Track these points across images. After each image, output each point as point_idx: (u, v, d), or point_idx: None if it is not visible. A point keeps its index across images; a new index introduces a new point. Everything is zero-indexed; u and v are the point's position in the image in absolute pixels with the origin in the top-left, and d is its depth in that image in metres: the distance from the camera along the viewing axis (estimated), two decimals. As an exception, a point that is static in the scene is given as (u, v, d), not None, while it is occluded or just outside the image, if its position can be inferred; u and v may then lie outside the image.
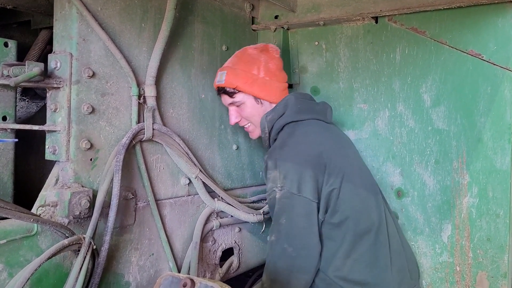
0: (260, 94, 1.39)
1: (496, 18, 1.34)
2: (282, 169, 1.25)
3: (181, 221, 1.39)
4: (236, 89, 1.37)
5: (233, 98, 1.39)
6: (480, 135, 1.38)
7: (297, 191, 1.24)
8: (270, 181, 1.29)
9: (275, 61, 1.42)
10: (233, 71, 1.38)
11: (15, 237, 0.96)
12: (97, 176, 1.14)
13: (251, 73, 1.38)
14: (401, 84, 1.52)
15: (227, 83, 1.37)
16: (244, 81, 1.37)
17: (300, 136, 1.32)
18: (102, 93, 1.15)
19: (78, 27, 1.09)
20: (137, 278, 1.25)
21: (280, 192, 1.25)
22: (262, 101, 1.40)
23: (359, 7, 1.52)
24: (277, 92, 1.41)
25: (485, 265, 1.39)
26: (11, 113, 1.12)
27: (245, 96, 1.39)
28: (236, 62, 1.40)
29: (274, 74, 1.41)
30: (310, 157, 1.27)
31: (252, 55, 1.41)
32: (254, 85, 1.37)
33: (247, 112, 1.41)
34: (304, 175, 1.24)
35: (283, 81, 1.44)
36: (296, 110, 1.38)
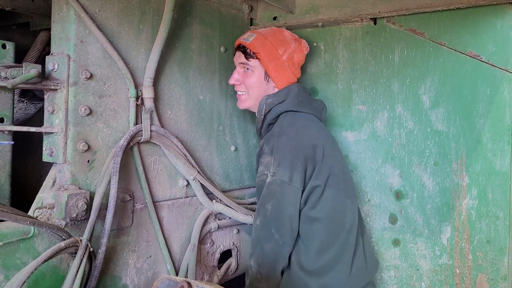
0: (272, 73, 1.40)
1: (495, 20, 1.33)
2: (277, 157, 1.27)
3: (179, 223, 1.39)
4: (256, 55, 1.39)
5: (248, 60, 1.41)
6: (480, 137, 1.37)
7: (288, 180, 1.25)
8: (263, 165, 1.30)
9: (301, 55, 1.46)
10: (263, 39, 1.40)
11: (12, 239, 0.96)
12: (94, 178, 1.14)
13: (277, 50, 1.40)
14: (400, 85, 1.51)
15: (251, 45, 1.39)
16: (267, 52, 1.38)
17: (300, 128, 1.33)
18: (99, 95, 1.15)
19: (75, 29, 1.09)
20: (135, 280, 1.25)
21: (272, 178, 1.26)
22: (269, 79, 1.42)
23: (357, 8, 1.51)
24: (286, 81, 1.43)
25: (485, 268, 1.38)
26: (8, 115, 1.12)
27: (259, 66, 1.40)
28: (269, 34, 1.42)
29: (294, 64, 1.44)
30: (306, 150, 1.28)
31: (286, 37, 1.44)
32: (273, 62, 1.39)
33: (251, 82, 1.42)
34: (297, 165, 1.26)
35: (296, 75, 1.48)
36: (297, 101, 1.40)
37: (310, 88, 1.71)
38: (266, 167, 1.29)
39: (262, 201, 1.29)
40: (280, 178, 1.25)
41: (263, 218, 1.28)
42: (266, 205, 1.27)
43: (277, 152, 1.28)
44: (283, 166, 1.26)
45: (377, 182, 1.58)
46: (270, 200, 1.27)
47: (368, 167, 1.59)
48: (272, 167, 1.27)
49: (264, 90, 1.43)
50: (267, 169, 1.28)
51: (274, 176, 1.26)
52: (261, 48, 1.39)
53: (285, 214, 1.26)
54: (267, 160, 1.29)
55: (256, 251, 1.28)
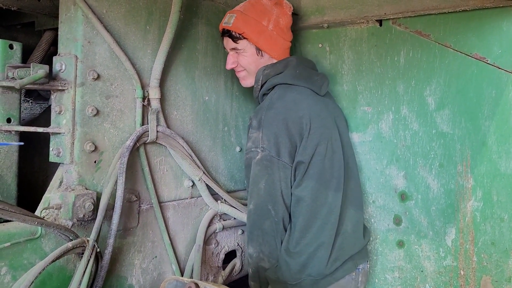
0: (263, 46, 1.38)
1: (501, 22, 1.33)
2: (265, 131, 1.24)
3: (184, 223, 1.39)
4: (242, 35, 1.36)
5: (237, 43, 1.37)
6: (485, 139, 1.37)
7: (276, 154, 1.23)
8: (251, 141, 1.27)
9: (286, 18, 1.42)
10: (244, 16, 1.36)
11: (19, 240, 0.96)
12: (101, 178, 1.14)
13: (260, 23, 1.36)
14: (405, 87, 1.51)
15: (234, 27, 1.35)
16: (252, 29, 1.35)
17: (289, 102, 1.30)
18: (106, 95, 1.15)
19: (83, 30, 1.09)
20: (140, 281, 1.25)
21: (261, 154, 1.24)
22: (263, 53, 1.39)
23: (363, 10, 1.51)
24: (280, 49, 1.40)
25: (489, 269, 1.38)
26: (15, 115, 1.12)
27: (249, 44, 1.37)
28: (248, 9, 1.38)
29: (282, 30, 1.40)
30: (294, 125, 1.25)
31: (265, 5, 1.39)
32: (261, 36, 1.36)
33: (246, 61, 1.40)
34: (284, 139, 1.24)
35: (288, 39, 1.44)
36: (294, 74, 1.36)
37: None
38: (254, 143, 1.26)
39: (254, 181, 1.25)
40: (269, 153, 1.23)
41: (257, 198, 1.24)
42: (259, 185, 1.24)
43: (264, 126, 1.25)
44: (271, 140, 1.23)
45: (381, 184, 1.58)
46: (263, 177, 1.23)
47: (373, 168, 1.59)
48: (261, 142, 1.24)
49: (261, 64, 1.41)
50: (255, 144, 1.25)
51: (264, 152, 1.23)
52: (244, 26, 1.35)
53: (278, 190, 1.23)
54: (255, 136, 1.26)
55: (254, 234, 1.25)
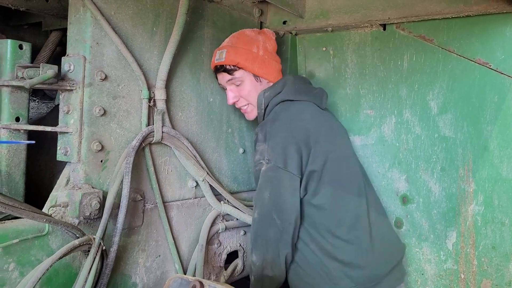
0: (260, 72, 1.41)
1: (504, 28, 1.34)
2: (271, 143, 1.27)
3: (187, 223, 1.40)
4: (237, 66, 1.38)
5: (233, 75, 1.40)
6: (487, 143, 1.38)
7: (283, 165, 1.24)
8: (258, 153, 1.30)
9: (272, 42, 1.47)
10: (234, 49, 1.39)
11: (27, 236, 0.98)
12: (107, 177, 1.15)
13: (251, 51, 1.40)
14: (408, 91, 1.53)
15: (227, 60, 1.38)
16: (245, 57, 1.38)
17: (293, 113, 1.34)
18: (113, 96, 1.17)
19: (92, 31, 1.11)
20: (144, 279, 1.26)
21: (267, 166, 1.26)
22: (261, 79, 1.42)
23: (367, 14, 1.53)
24: (275, 71, 1.44)
25: (489, 273, 1.39)
26: (24, 114, 1.14)
27: (245, 74, 1.40)
28: (235, 41, 1.42)
29: (271, 54, 1.45)
30: (299, 134, 1.28)
31: (250, 35, 1.44)
32: (255, 62, 1.39)
33: (246, 91, 1.42)
34: (290, 150, 1.25)
35: (279, 61, 1.48)
36: (294, 90, 1.40)
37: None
38: (261, 155, 1.29)
39: (259, 190, 1.28)
40: (275, 164, 1.25)
41: (261, 208, 1.26)
42: (263, 194, 1.26)
43: (270, 138, 1.28)
44: (277, 151, 1.25)
45: (383, 187, 1.59)
46: (267, 188, 1.26)
47: (375, 171, 1.61)
48: (267, 154, 1.27)
49: (260, 90, 1.43)
50: (262, 156, 1.28)
51: (269, 163, 1.26)
52: (237, 57, 1.38)
53: (284, 200, 1.25)
54: (262, 148, 1.29)
55: (258, 242, 1.26)
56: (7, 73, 1.11)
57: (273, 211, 1.25)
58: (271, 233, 1.24)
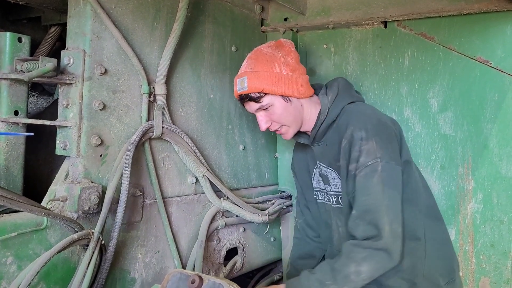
0: (288, 92, 1.30)
1: (505, 26, 1.34)
2: (378, 138, 1.19)
3: (187, 219, 1.40)
4: (263, 92, 1.28)
5: (261, 102, 1.30)
6: (486, 142, 1.38)
7: (392, 160, 1.19)
8: (364, 155, 1.18)
9: (292, 55, 1.35)
10: (254, 74, 1.28)
11: (25, 230, 0.97)
12: (106, 172, 1.15)
13: (273, 72, 1.29)
14: (409, 89, 1.53)
15: (251, 89, 1.27)
16: (268, 81, 1.27)
17: (373, 110, 1.33)
18: (113, 90, 1.16)
19: (91, 24, 1.10)
20: (143, 274, 1.26)
21: (381, 164, 1.17)
22: (290, 98, 1.32)
23: (368, 11, 1.53)
24: (303, 86, 1.34)
25: (488, 271, 1.39)
26: (23, 107, 1.13)
27: (273, 98, 1.30)
28: (254, 65, 1.30)
29: (295, 68, 1.33)
30: (392, 127, 1.29)
31: (268, 53, 1.32)
32: (280, 83, 1.29)
33: (278, 114, 1.31)
34: (394, 143, 1.24)
35: (304, 73, 1.38)
36: (351, 90, 1.40)
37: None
38: (371, 154, 1.18)
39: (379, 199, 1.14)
40: (387, 161, 1.18)
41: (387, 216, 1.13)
42: (384, 201, 1.15)
43: (375, 134, 1.20)
44: (385, 147, 1.19)
45: (383, 184, 1.59)
46: (385, 192, 1.15)
47: (374, 169, 1.61)
48: (377, 151, 1.18)
49: (293, 111, 1.33)
50: (373, 156, 1.17)
51: (382, 161, 1.17)
52: (260, 83, 1.27)
53: (398, 199, 1.17)
54: (370, 146, 1.18)
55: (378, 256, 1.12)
56: (6, 66, 1.10)
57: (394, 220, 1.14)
58: (396, 245, 1.13)
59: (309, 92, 1.36)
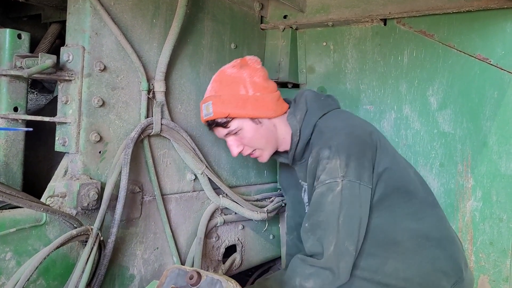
0: (256, 113, 1.22)
1: (504, 23, 1.34)
2: (343, 156, 1.12)
3: (186, 216, 1.40)
4: (229, 117, 1.21)
5: (228, 127, 1.23)
6: (486, 139, 1.38)
7: (358, 179, 1.12)
8: (325, 173, 1.13)
9: (259, 73, 1.25)
10: (219, 98, 1.21)
11: (24, 226, 0.97)
12: (105, 168, 1.15)
13: (239, 94, 1.21)
14: (408, 86, 1.53)
15: (216, 114, 1.21)
16: (234, 105, 1.20)
17: (347, 121, 1.23)
18: (112, 87, 1.17)
19: (91, 21, 1.10)
20: (142, 271, 1.26)
21: (342, 183, 1.11)
22: (260, 120, 1.24)
23: (368, 9, 1.52)
24: (273, 105, 1.25)
25: (487, 269, 1.39)
26: (22, 104, 1.13)
27: (241, 121, 1.22)
28: (219, 88, 1.23)
29: (263, 86, 1.24)
30: (366, 138, 1.18)
31: (232, 74, 1.24)
32: (247, 106, 1.21)
33: (248, 138, 1.25)
34: (363, 160, 1.14)
35: (274, 90, 1.28)
36: (321, 102, 1.29)
37: (318, 87, 1.73)
38: (332, 173, 1.12)
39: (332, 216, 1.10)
40: (350, 180, 1.11)
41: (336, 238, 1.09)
42: (339, 220, 1.10)
43: (341, 151, 1.12)
44: (351, 165, 1.12)
45: (382, 182, 1.59)
46: (341, 210, 1.10)
47: (373, 166, 1.61)
48: (340, 170, 1.11)
49: (265, 133, 1.25)
50: (333, 175, 1.11)
51: (344, 180, 1.11)
52: (226, 108, 1.20)
53: (358, 219, 1.12)
54: (332, 165, 1.12)
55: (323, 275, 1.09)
56: (6, 63, 1.10)
57: (346, 239, 1.10)
58: (342, 265, 1.09)
59: (281, 110, 1.27)
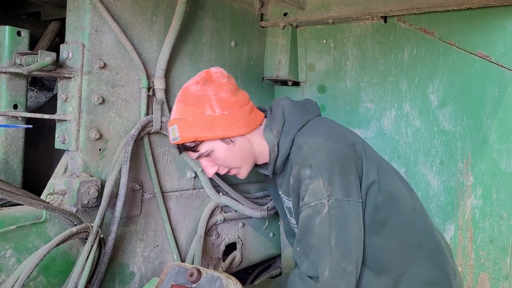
0: (226, 133, 1.13)
1: (505, 21, 1.34)
2: (326, 175, 1.05)
3: (186, 214, 1.40)
4: (197, 141, 1.13)
5: (198, 151, 1.15)
6: (486, 137, 1.38)
7: (346, 195, 1.05)
8: (308, 194, 1.06)
9: (225, 87, 1.14)
10: (184, 122, 1.11)
11: (24, 223, 0.97)
12: (105, 166, 1.15)
13: (204, 115, 1.10)
14: (408, 84, 1.52)
15: (183, 139, 1.12)
16: (201, 128, 1.11)
17: (327, 133, 1.13)
18: (112, 84, 1.16)
19: (90, 18, 1.10)
20: (142, 269, 1.26)
21: (328, 204, 1.04)
22: (232, 139, 1.15)
23: (368, 6, 1.52)
24: (244, 121, 1.15)
25: (487, 267, 1.39)
26: (22, 101, 1.13)
27: (211, 143, 1.14)
28: (183, 109, 1.13)
29: (231, 103, 1.13)
30: (349, 151, 1.10)
31: (197, 93, 1.12)
32: (215, 127, 1.11)
33: (222, 159, 1.16)
34: (349, 174, 1.07)
35: (245, 103, 1.17)
36: (298, 111, 1.19)
37: (318, 85, 1.72)
38: (316, 194, 1.05)
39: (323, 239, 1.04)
40: (337, 198, 1.04)
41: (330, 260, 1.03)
42: (330, 242, 1.03)
43: (323, 170, 1.05)
44: (336, 182, 1.05)
45: (382, 180, 1.59)
46: (332, 232, 1.03)
47: (373, 164, 1.61)
48: (324, 190, 1.04)
49: (239, 151, 1.17)
50: (318, 196, 1.05)
51: (330, 200, 1.04)
52: (192, 132, 1.11)
53: (351, 236, 1.05)
54: (315, 185, 1.05)
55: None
56: (5, 60, 1.10)
57: (343, 260, 1.03)
58: (342, 286, 1.03)
59: (255, 123, 1.18)
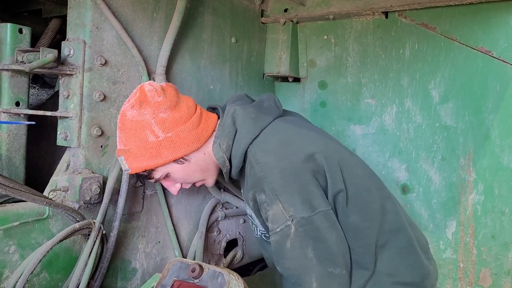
0: (176, 155, 1.05)
1: (507, 16, 1.33)
2: (283, 197, 0.99)
3: (187, 210, 1.41)
4: (148, 169, 1.06)
5: (153, 177, 1.09)
6: (488, 133, 1.38)
7: (311, 211, 1.00)
8: (271, 221, 1.01)
9: (163, 106, 1.04)
10: (129, 153, 1.05)
11: (27, 219, 0.98)
12: (107, 162, 1.16)
13: (147, 142, 1.03)
14: (410, 80, 1.52)
15: (134, 170, 1.05)
16: (147, 156, 1.03)
17: (280, 148, 1.05)
18: (113, 81, 1.17)
19: (92, 15, 1.10)
20: (144, 265, 1.27)
21: (293, 223, 0.99)
22: (185, 157, 1.08)
23: (369, 1, 1.51)
24: (193, 137, 1.07)
25: (488, 262, 1.39)
26: (24, 98, 1.14)
27: (164, 168, 1.07)
28: (125, 140, 1.06)
29: (173, 121, 1.05)
30: (306, 165, 1.02)
31: (134, 119, 1.03)
32: (162, 152, 1.04)
33: (180, 178, 1.12)
34: (308, 187, 1.01)
35: (190, 115, 1.08)
36: (251, 119, 1.09)
37: (319, 81, 1.72)
38: (278, 220, 1.00)
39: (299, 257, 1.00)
40: (303, 217, 0.99)
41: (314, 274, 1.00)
42: (307, 256, 1.00)
43: (279, 193, 1.00)
44: (297, 202, 0.99)
45: (383, 176, 1.58)
46: (306, 247, 1.00)
47: (375, 160, 1.60)
48: (285, 212, 0.99)
49: (196, 166, 1.10)
50: (281, 220, 0.99)
51: (294, 219, 0.99)
52: (140, 162, 1.04)
53: (332, 244, 1.01)
54: (276, 210, 1.00)
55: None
56: (7, 57, 1.10)
57: (327, 266, 1.00)
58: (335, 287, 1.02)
59: (206, 134, 1.10)
